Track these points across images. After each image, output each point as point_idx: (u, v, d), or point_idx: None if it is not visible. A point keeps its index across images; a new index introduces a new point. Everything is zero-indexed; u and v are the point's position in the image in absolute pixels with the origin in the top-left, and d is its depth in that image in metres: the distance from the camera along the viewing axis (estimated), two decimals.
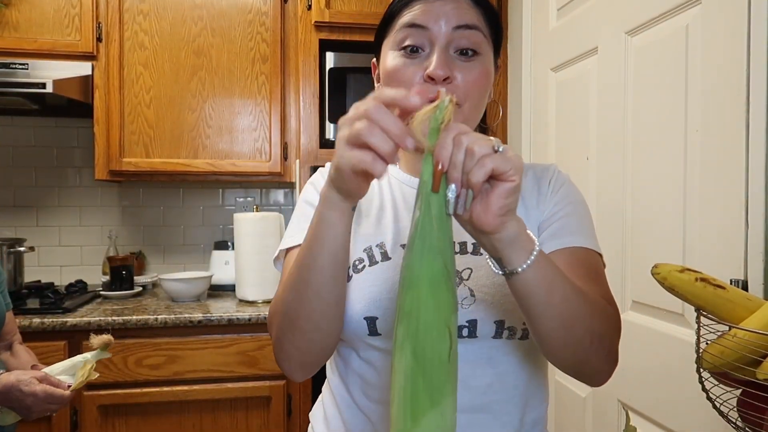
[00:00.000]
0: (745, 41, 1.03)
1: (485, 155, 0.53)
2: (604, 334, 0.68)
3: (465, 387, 0.74)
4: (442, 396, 0.52)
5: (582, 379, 0.73)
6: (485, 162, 0.53)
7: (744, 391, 0.77)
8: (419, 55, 0.75)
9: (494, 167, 0.53)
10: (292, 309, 0.71)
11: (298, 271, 0.69)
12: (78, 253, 2.48)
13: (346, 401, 0.83)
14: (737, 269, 1.05)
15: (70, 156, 2.47)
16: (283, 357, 0.75)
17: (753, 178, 1.02)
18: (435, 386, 0.52)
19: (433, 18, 0.74)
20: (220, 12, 2.18)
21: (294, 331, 0.72)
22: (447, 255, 0.55)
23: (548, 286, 0.61)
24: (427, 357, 0.52)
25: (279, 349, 0.75)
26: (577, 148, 1.60)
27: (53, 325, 1.77)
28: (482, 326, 0.75)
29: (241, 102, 2.20)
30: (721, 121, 1.09)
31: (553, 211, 0.81)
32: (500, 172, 0.54)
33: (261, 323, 1.89)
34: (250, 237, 2.05)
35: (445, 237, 0.55)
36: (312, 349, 0.74)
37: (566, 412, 1.68)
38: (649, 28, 1.31)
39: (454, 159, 0.54)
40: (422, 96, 0.56)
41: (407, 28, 0.75)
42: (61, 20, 2.07)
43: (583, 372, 0.71)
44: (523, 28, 1.94)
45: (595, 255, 0.80)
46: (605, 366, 0.71)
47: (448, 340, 0.52)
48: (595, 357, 0.68)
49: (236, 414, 1.90)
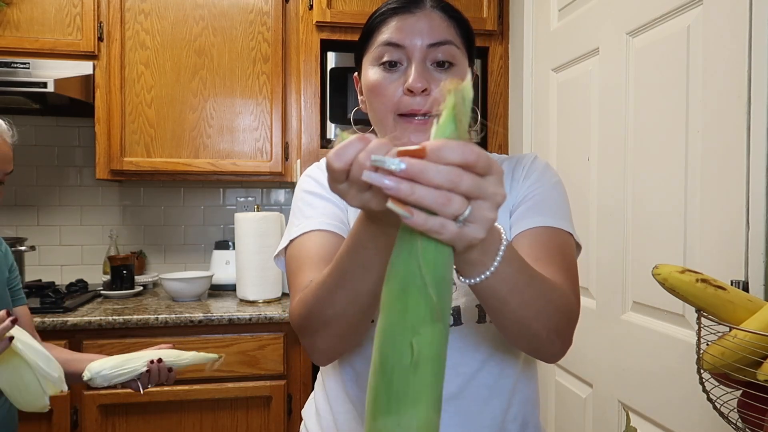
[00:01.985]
0: (747, 42, 1.03)
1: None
2: (561, 328, 0.70)
3: (455, 374, 0.78)
4: (402, 405, 0.48)
5: (537, 358, 0.76)
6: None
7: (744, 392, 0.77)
8: (397, 69, 0.80)
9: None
10: (326, 316, 0.70)
11: (339, 288, 0.66)
12: (79, 253, 2.48)
13: (336, 391, 0.86)
14: (738, 270, 1.05)
15: (71, 155, 2.47)
16: (312, 350, 0.75)
17: (754, 179, 1.02)
18: (394, 394, 0.48)
19: (409, 36, 0.78)
20: (222, 12, 2.18)
21: (326, 332, 0.71)
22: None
23: (507, 293, 0.60)
24: (388, 361, 0.48)
25: (311, 347, 0.75)
26: (578, 149, 1.60)
27: (54, 324, 1.77)
28: (465, 312, 0.78)
29: (242, 102, 2.20)
30: (722, 121, 1.09)
31: (524, 194, 0.83)
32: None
33: (262, 323, 1.89)
34: (250, 237, 2.05)
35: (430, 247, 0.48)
36: (345, 342, 0.74)
37: (566, 413, 1.68)
38: (651, 29, 1.31)
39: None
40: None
41: (384, 46, 0.80)
42: (62, 19, 2.08)
43: (536, 355, 0.75)
44: (525, 29, 1.94)
45: (563, 234, 0.80)
46: (558, 352, 0.74)
47: (410, 353, 0.47)
48: (550, 346, 0.71)
49: (236, 414, 1.90)
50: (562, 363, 1.70)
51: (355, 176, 0.46)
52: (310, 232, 0.81)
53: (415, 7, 0.80)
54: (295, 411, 1.94)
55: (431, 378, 0.49)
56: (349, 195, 0.50)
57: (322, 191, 0.86)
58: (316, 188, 0.87)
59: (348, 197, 0.50)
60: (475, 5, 2.09)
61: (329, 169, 0.48)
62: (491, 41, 2.13)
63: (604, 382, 1.48)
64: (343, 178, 0.48)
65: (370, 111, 0.84)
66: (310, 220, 0.82)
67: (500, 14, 2.11)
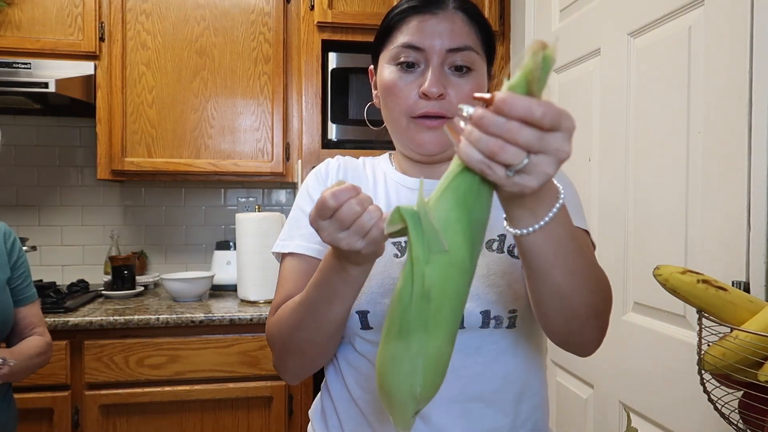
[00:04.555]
0: (748, 42, 1.03)
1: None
2: (600, 310, 0.68)
3: (456, 376, 0.77)
4: (412, 333, 0.52)
5: (570, 349, 0.73)
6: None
7: (745, 393, 0.77)
8: (414, 70, 0.80)
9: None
10: (296, 339, 0.75)
11: (308, 315, 0.72)
12: (80, 253, 2.48)
13: (342, 395, 0.85)
14: (739, 271, 1.05)
15: (72, 155, 2.47)
16: (283, 370, 0.82)
17: (755, 179, 1.02)
18: (405, 321, 0.52)
19: (428, 39, 0.78)
20: (223, 12, 2.18)
21: (296, 354, 0.77)
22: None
23: (554, 255, 0.58)
24: (404, 291, 0.52)
25: (281, 367, 0.81)
26: (579, 150, 1.60)
27: (55, 324, 1.77)
28: (469, 317, 0.77)
29: (244, 102, 2.20)
30: (723, 122, 1.09)
31: None
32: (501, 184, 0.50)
33: (262, 323, 1.89)
34: (251, 237, 2.05)
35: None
36: (314, 364, 0.80)
37: (567, 414, 1.68)
38: (652, 30, 1.30)
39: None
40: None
41: (403, 48, 0.79)
42: (63, 20, 2.08)
43: (572, 343, 0.72)
44: (526, 29, 1.94)
45: (581, 232, 0.80)
46: (595, 340, 0.72)
47: (421, 283, 0.51)
48: (588, 330, 0.68)
49: (237, 414, 1.90)
50: (563, 363, 1.70)
51: (342, 215, 0.55)
52: (289, 254, 0.85)
53: (436, 8, 0.80)
54: (296, 411, 1.94)
55: (445, 311, 0.53)
56: (325, 231, 0.57)
57: (309, 208, 0.87)
58: (306, 204, 0.88)
59: (323, 233, 0.58)
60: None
61: (321, 205, 0.56)
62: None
63: (605, 383, 1.48)
64: (329, 215, 0.56)
65: (384, 109, 0.85)
66: (293, 241, 0.85)
67: (501, 15, 2.11)
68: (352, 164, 0.92)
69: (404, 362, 0.53)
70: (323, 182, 0.90)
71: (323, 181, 0.90)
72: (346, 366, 0.84)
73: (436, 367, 0.54)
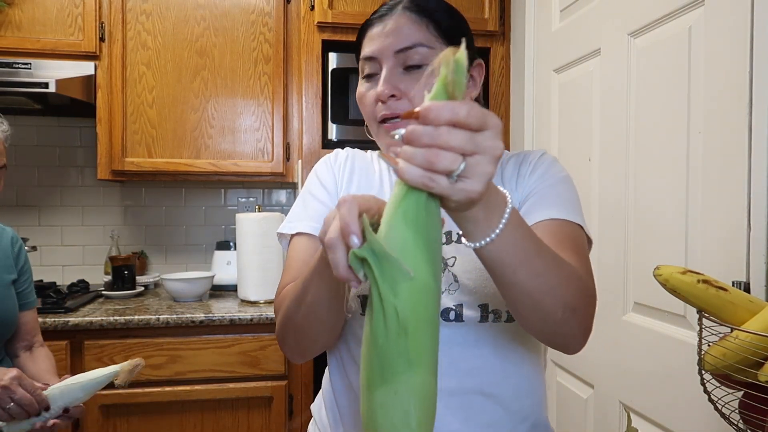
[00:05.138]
0: (748, 43, 1.03)
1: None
2: (577, 307, 0.66)
3: (455, 369, 0.78)
4: (395, 372, 0.49)
5: (555, 347, 0.73)
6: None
7: (746, 393, 0.77)
8: (375, 79, 0.84)
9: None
10: (297, 319, 0.75)
11: (304, 296, 0.72)
12: (80, 253, 2.48)
13: (343, 385, 0.86)
14: (739, 271, 1.05)
15: (72, 155, 2.47)
16: (286, 347, 0.81)
17: (755, 179, 1.02)
18: (386, 361, 0.49)
19: (378, 47, 0.81)
20: (223, 12, 2.18)
21: (297, 333, 0.77)
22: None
23: (515, 260, 0.59)
24: (378, 328, 0.50)
25: (283, 342, 0.81)
26: (579, 150, 1.60)
27: (55, 324, 1.77)
28: (467, 311, 0.78)
29: (244, 102, 2.20)
30: (723, 122, 1.09)
31: (531, 189, 0.82)
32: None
33: (263, 323, 1.89)
34: (252, 237, 2.05)
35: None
36: (316, 345, 0.79)
37: (567, 414, 1.68)
38: (652, 30, 1.31)
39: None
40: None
41: (364, 61, 0.84)
42: (63, 20, 2.08)
43: (554, 342, 0.71)
44: (526, 29, 1.94)
45: (573, 226, 0.78)
46: (577, 336, 0.70)
47: (395, 316, 0.49)
48: (567, 328, 0.67)
49: (238, 414, 1.90)
50: (563, 363, 1.70)
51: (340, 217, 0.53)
52: (297, 235, 0.86)
53: (385, 14, 0.82)
54: (297, 411, 1.94)
55: (424, 339, 0.50)
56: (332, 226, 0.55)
57: (318, 191, 0.89)
58: (315, 188, 0.90)
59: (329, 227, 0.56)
60: (476, 6, 2.09)
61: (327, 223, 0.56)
62: (492, 42, 2.13)
63: (605, 383, 1.48)
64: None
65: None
66: (301, 222, 0.86)
67: (501, 15, 2.11)
68: (361, 156, 0.95)
69: (395, 408, 0.50)
70: (332, 170, 0.92)
71: (332, 168, 0.92)
72: (347, 355, 0.85)
73: (427, 402, 0.51)
